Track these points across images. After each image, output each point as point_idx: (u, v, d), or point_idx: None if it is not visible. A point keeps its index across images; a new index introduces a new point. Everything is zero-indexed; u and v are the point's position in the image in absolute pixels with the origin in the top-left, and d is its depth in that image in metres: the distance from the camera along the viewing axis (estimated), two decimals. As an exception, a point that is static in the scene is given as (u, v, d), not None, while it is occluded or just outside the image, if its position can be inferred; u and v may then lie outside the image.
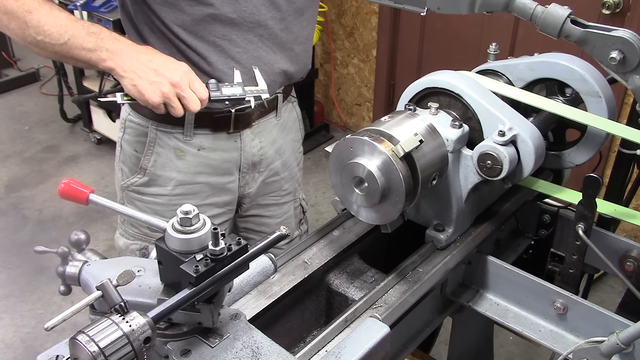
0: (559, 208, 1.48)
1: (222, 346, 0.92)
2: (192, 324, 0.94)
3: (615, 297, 3.10)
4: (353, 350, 0.97)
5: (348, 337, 1.01)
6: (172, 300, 0.85)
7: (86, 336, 0.90)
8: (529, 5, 1.21)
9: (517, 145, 1.20)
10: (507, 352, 2.87)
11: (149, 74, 1.40)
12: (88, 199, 1.08)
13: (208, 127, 1.66)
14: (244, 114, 1.66)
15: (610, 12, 3.03)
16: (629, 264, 1.36)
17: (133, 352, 0.91)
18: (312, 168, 4.31)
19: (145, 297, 0.94)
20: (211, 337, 0.94)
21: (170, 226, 0.90)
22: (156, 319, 0.83)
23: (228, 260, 0.87)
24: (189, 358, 0.91)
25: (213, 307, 0.92)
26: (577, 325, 1.23)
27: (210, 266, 0.85)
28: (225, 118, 1.65)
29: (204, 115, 1.60)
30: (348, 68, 4.49)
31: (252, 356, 0.91)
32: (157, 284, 0.95)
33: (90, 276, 1.00)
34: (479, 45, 3.48)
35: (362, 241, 1.33)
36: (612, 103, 1.32)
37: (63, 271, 1.02)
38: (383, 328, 1.02)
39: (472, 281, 1.35)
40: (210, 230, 0.89)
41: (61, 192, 1.10)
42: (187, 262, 0.86)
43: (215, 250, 0.86)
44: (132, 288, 0.95)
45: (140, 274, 0.98)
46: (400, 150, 1.09)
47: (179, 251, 0.89)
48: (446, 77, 1.26)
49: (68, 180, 1.10)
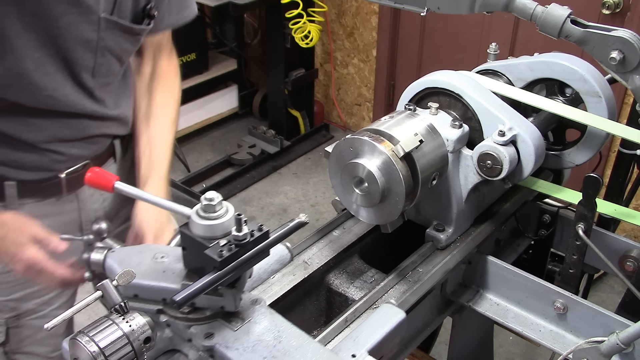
0: (559, 208, 1.48)
1: (244, 329, 0.95)
2: (215, 308, 0.96)
3: (615, 297, 3.09)
4: (370, 334, 1.01)
5: (365, 322, 1.04)
6: (198, 283, 0.87)
7: (86, 336, 0.90)
8: (529, 5, 1.21)
9: (517, 145, 1.20)
10: (507, 352, 2.87)
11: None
12: (114, 186, 1.10)
13: (34, 196, 1.45)
14: (77, 174, 1.45)
15: (610, 12, 3.03)
16: (629, 264, 1.36)
17: (133, 352, 0.91)
18: (312, 168, 4.32)
19: (169, 282, 0.97)
20: (233, 321, 0.97)
21: (194, 213, 0.92)
22: (183, 301, 0.85)
23: (251, 245, 0.90)
24: (212, 340, 0.94)
25: (235, 292, 0.95)
26: (577, 325, 1.23)
27: (234, 251, 0.88)
28: (54, 184, 1.45)
29: (27, 184, 1.42)
30: (348, 68, 4.49)
31: (274, 339, 0.94)
32: (181, 269, 0.98)
33: (115, 262, 1.02)
34: (479, 45, 3.48)
35: (362, 241, 1.33)
36: (612, 103, 1.32)
37: (88, 258, 1.06)
38: (399, 313, 1.06)
39: (472, 281, 1.35)
40: (233, 217, 0.91)
41: (88, 180, 1.12)
42: (212, 247, 0.88)
43: (238, 236, 0.89)
44: (157, 273, 0.98)
45: (163, 259, 1.01)
46: (400, 150, 1.09)
47: (203, 237, 0.91)
48: (446, 77, 1.26)
49: (94, 168, 1.14)
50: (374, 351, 0.99)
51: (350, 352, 0.97)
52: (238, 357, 0.91)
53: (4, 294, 1.50)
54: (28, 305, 1.52)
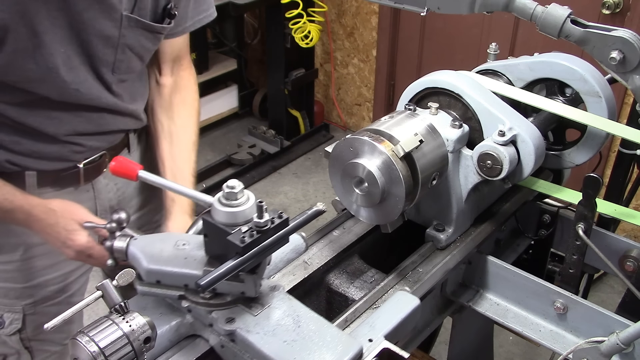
0: (559, 208, 1.47)
1: (265, 314, 0.98)
2: (235, 294, 0.99)
3: (615, 297, 3.09)
4: (386, 320, 1.04)
5: (380, 308, 1.08)
6: (222, 267, 0.89)
7: (86, 336, 0.90)
8: (529, 5, 1.21)
9: (517, 145, 1.20)
10: (507, 352, 2.87)
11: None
12: (138, 175, 1.13)
13: (54, 186, 1.49)
14: (94, 165, 1.52)
15: (610, 12, 3.03)
16: (629, 264, 1.36)
17: (133, 352, 0.92)
18: (312, 168, 4.32)
19: (191, 268, 0.99)
20: (253, 306, 0.99)
21: (216, 200, 0.95)
22: (207, 285, 0.88)
23: (271, 232, 0.93)
24: (233, 325, 0.96)
25: (256, 277, 0.98)
26: (577, 325, 1.23)
27: (255, 237, 0.90)
28: (72, 174, 1.50)
29: (47, 174, 1.46)
30: (348, 68, 4.49)
31: (293, 323, 0.97)
32: (202, 256, 1.00)
33: (138, 249, 1.05)
34: (479, 45, 3.48)
35: (362, 241, 1.33)
36: (612, 103, 1.32)
37: (111, 245, 1.08)
38: (414, 300, 1.09)
39: (472, 281, 1.35)
40: (254, 204, 0.95)
41: (113, 169, 1.15)
42: (234, 233, 0.91)
43: (260, 223, 0.91)
44: (179, 260, 1.01)
45: (185, 247, 1.03)
46: (400, 150, 1.09)
47: (225, 224, 0.94)
48: (446, 77, 1.26)
49: (119, 157, 1.16)
50: (390, 336, 1.02)
51: (367, 337, 1.00)
52: (259, 341, 0.94)
53: (21, 281, 1.54)
54: (44, 293, 1.56)
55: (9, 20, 1.20)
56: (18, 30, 1.22)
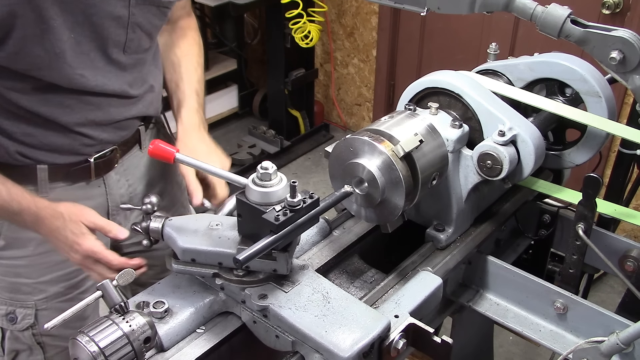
0: (559, 208, 1.47)
1: (296, 291, 1.04)
2: (267, 271, 1.04)
3: (615, 297, 3.09)
4: (411, 298, 1.10)
5: (405, 287, 1.14)
6: (258, 244, 0.94)
7: (86, 336, 0.90)
8: (529, 5, 1.21)
9: (517, 145, 1.20)
10: (507, 352, 2.87)
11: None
12: (175, 157, 1.16)
13: (65, 180, 1.50)
14: (105, 159, 1.53)
15: (610, 12, 3.03)
16: (629, 264, 1.36)
17: (133, 352, 0.92)
18: (312, 168, 4.31)
19: (225, 247, 1.05)
20: (284, 283, 1.05)
21: (250, 181, 1.01)
22: (245, 260, 0.92)
23: (303, 211, 0.98)
24: (266, 301, 1.01)
25: (288, 255, 1.03)
26: (577, 325, 1.23)
27: (289, 216, 0.96)
28: (83, 168, 1.50)
29: (58, 167, 1.47)
30: (348, 68, 4.49)
31: (323, 299, 1.02)
32: (234, 235, 1.06)
33: (173, 230, 1.10)
34: (479, 45, 3.48)
35: (362, 241, 1.33)
36: (612, 103, 1.32)
37: (147, 226, 1.13)
38: (437, 279, 1.15)
39: (472, 281, 1.35)
40: (286, 185, 1.01)
41: (151, 152, 1.18)
42: (268, 212, 0.96)
43: (293, 202, 0.96)
44: (213, 239, 1.07)
45: (218, 227, 1.10)
46: (400, 150, 1.09)
47: (259, 203, 1.00)
48: (446, 77, 1.26)
49: (156, 140, 1.18)
50: (414, 313, 1.07)
51: (393, 314, 1.05)
52: (291, 315, 0.99)
53: (34, 277, 1.54)
54: (56, 288, 1.57)
55: (17, 6, 1.22)
56: (26, 15, 1.23)
